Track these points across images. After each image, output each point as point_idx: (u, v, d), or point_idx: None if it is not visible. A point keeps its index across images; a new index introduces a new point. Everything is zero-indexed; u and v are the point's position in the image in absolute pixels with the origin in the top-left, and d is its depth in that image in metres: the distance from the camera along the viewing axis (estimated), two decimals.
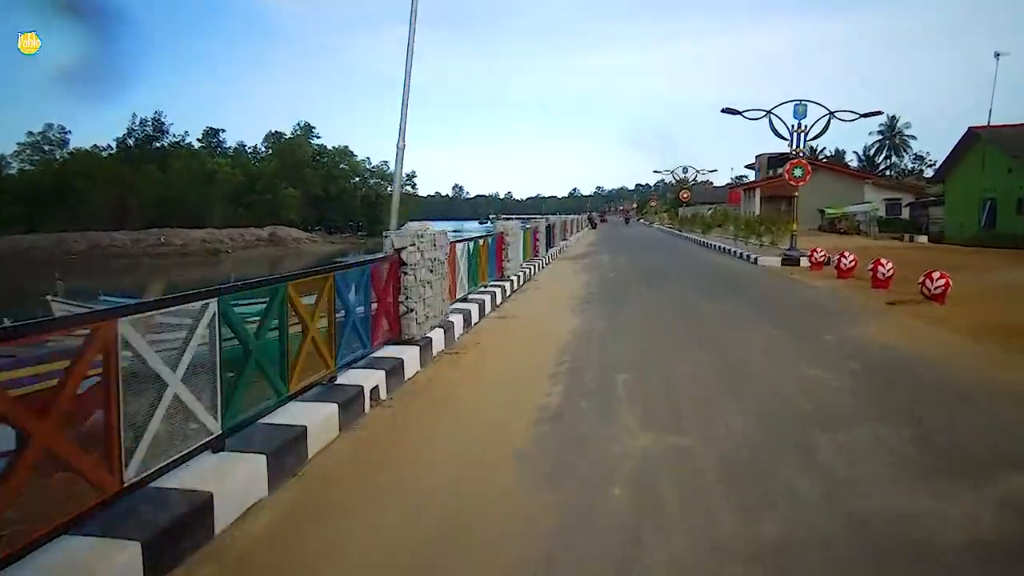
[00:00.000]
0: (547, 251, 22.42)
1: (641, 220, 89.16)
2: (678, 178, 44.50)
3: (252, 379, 4.27)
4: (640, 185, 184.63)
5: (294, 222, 67.70)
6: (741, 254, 21.35)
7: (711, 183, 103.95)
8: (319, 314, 5.30)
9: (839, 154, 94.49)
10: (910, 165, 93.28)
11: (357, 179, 78.09)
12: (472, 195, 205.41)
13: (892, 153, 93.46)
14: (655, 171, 57.01)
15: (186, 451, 3.56)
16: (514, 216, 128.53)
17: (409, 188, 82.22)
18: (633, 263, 20.51)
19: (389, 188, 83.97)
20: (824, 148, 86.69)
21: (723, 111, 19.57)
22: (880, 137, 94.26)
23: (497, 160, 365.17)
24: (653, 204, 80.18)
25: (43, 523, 2.64)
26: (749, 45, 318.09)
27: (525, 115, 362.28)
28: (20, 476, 2.53)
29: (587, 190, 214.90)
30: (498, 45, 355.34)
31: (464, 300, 10.70)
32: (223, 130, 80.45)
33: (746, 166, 65.91)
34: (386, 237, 7.90)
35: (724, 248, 24.50)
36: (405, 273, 7.56)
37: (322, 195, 73.18)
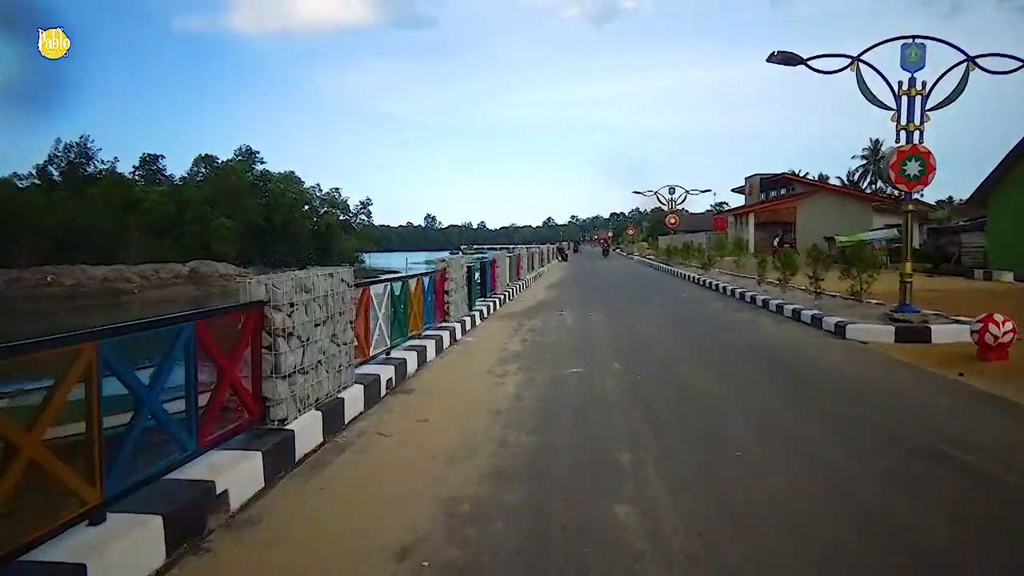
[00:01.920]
0: (472, 307, 13.27)
1: (618, 250, 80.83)
2: (664, 199, 35.81)
3: None
4: (615, 214, 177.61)
5: (228, 255, 58.15)
6: (798, 313, 12.21)
7: (686, 211, 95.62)
8: None
9: (822, 179, 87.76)
10: (896, 191, 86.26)
11: (306, 207, 68.69)
12: (445, 225, 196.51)
13: (877, 178, 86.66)
14: (635, 192, 47.63)
15: None
16: (486, 246, 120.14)
17: (364, 217, 73.03)
18: (616, 334, 11.39)
19: (343, 216, 75.01)
20: (807, 173, 79.62)
21: (772, 59, 10.65)
22: (864, 161, 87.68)
23: (470, 190, 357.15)
24: (631, 233, 71.40)
25: None
26: (723, 75, 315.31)
27: (499, 144, 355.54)
28: None
29: (562, 219, 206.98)
30: (471, 74, 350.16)
31: None
32: (162, 156, 71.02)
33: (733, 190, 57.65)
34: None
35: (753, 298, 15.47)
36: None
37: (264, 225, 63.75)
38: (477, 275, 14.22)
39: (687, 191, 35.49)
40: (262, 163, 68.31)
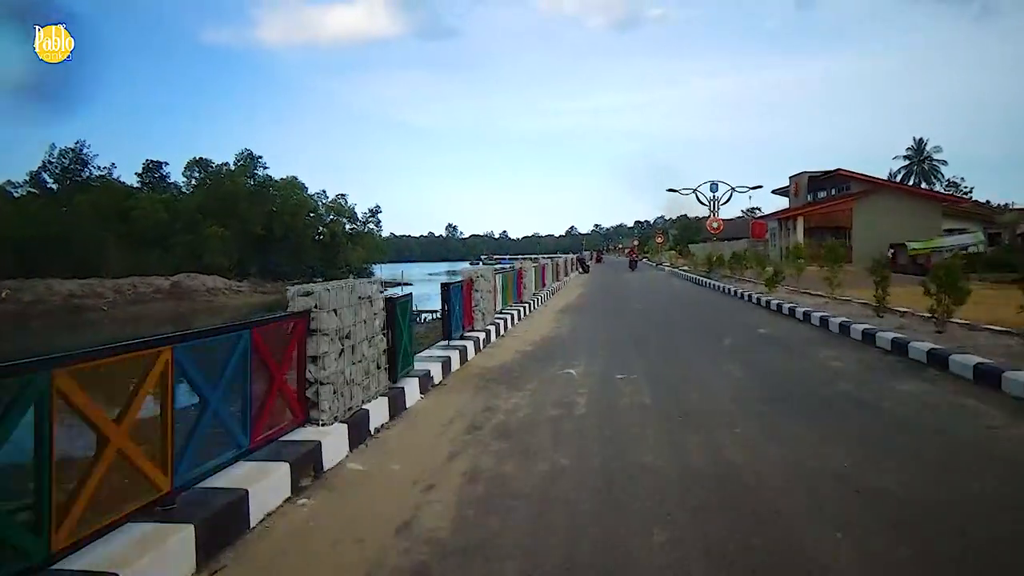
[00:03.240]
0: (402, 375, 7.06)
1: (644, 259, 74.37)
2: (704, 199, 28.96)
3: None
4: (639, 222, 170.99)
5: (222, 267, 52.75)
6: None
7: (699, 217, 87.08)
8: None
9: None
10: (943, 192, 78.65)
11: (311, 215, 63.13)
12: (466, 235, 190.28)
13: (921, 180, 79.01)
14: (670, 190, 36.63)
15: None
16: (507, 256, 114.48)
17: (372, 226, 67.32)
18: (685, 465, 5.04)
19: (350, 225, 69.43)
20: None
21: None
22: (907, 163, 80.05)
23: (492, 199, 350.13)
24: (659, 241, 64.25)
25: None
26: (751, 81, 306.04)
27: (521, 154, 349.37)
28: None
29: (585, 228, 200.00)
30: (494, 84, 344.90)
31: None
32: (166, 163, 65.92)
33: (775, 191, 50.59)
34: None
35: (901, 346, 8.92)
36: None
37: (263, 234, 58.28)
38: (415, 313, 8.03)
39: (732, 188, 28.85)
40: (264, 168, 62.96)
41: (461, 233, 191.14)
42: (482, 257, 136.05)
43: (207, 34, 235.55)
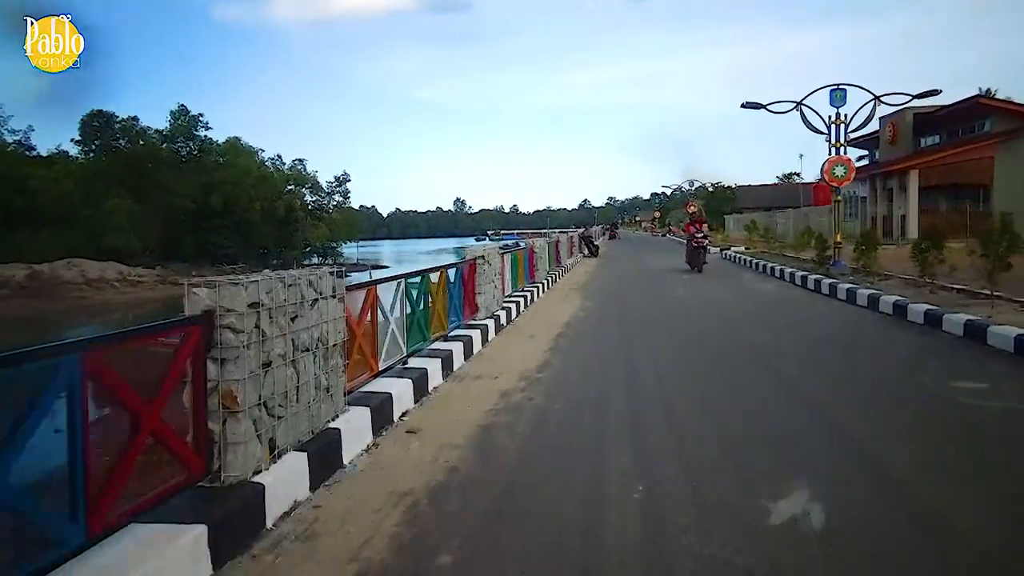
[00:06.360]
0: None
1: (668, 235, 60.95)
2: (823, 121, 14.85)
3: None
4: (656, 194, 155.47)
5: (131, 250, 40.12)
6: None
7: (723, 184, 70.29)
8: None
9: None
10: None
11: (261, 185, 49.92)
12: (475, 210, 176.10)
13: None
14: (746, 104, 16.79)
15: None
16: (515, 232, 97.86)
17: (339, 197, 54.11)
18: None
19: (311, 197, 56.32)
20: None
21: None
22: None
23: (503, 173, 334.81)
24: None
25: None
26: (770, 50, 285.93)
27: (533, 127, 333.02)
28: None
29: (599, 201, 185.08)
30: (505, 58, 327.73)
31: None
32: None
33: (852, 143, 36.25)
34: None
35: None
36: None
37: (196, 209, 45.43)
38: None
39: (876, 97, 14.46)
40: (207, 128, 49.77)
41: (470, 208, 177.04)
42: (488, 233, 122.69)
43: (215, 10, 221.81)
